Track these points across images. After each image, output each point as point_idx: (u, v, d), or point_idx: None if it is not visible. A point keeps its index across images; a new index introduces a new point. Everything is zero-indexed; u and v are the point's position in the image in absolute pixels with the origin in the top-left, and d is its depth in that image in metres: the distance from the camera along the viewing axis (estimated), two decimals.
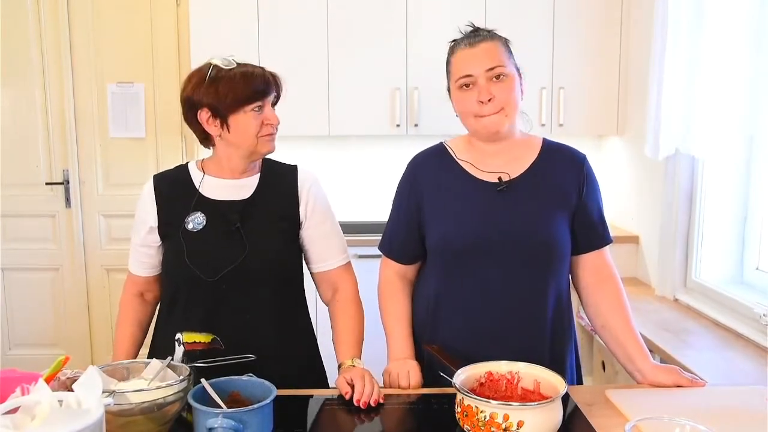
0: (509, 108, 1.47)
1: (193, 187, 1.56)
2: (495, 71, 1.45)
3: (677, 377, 1.43)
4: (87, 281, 3.78)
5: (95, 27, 3.61)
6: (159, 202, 1.56)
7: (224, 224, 1.51)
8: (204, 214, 1.53)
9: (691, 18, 2.47)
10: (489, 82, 1.45)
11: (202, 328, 1.50)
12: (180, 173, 1.61)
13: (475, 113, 1.48)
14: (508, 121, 1.48)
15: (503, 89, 1.46)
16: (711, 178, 2.63)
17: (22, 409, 0.99)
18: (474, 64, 1.46)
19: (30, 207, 3.72)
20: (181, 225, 1.52)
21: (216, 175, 1.57)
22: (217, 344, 1.49)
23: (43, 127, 3.66)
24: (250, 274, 1.49)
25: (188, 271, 1.48)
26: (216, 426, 1.10)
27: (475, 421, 1.17)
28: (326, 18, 3.31)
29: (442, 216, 1.53)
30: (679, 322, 2.44)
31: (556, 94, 3.35)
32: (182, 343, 1.51)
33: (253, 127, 1.50)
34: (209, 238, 1.51)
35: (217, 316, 1.50)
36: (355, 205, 3.77)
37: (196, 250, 1.50)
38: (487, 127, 1.48)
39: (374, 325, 1.62)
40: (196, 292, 1.51)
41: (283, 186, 1.60)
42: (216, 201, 1.54)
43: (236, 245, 1.49)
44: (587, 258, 1.56)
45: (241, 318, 1.50)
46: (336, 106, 3.37)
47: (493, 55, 1.46)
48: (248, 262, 1.48)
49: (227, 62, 1.50)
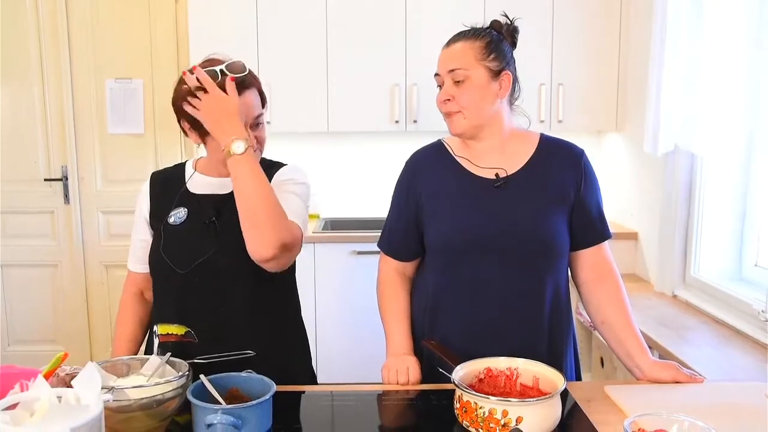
0: (468, 111, 1.48)
1: (183, 183, 1.58)
2: (455, 74, 1.48)
3: (676, 373, 1.43)
4: (86, 277, 3.79)
5: (94, 22, 3.60)
6: (152, 197, 1.59)
7: (202, 218, 1.51)
8: (186, 208, 1.53)
9: (690, 14, 2.47)
10: (451, 84, 1.49)
11: (176, 320, 1.49)
12: (176, 170, 1.63)
13: (442, 111, 1.53)
14: (468, 123, 1.49)
15: (462, 92, 1.48)
16: (710, 175, 2.63)
17: (21, 405, 0.99)
18: (441, 64, 1.51)
19: (29, 203, 3.72)
20: (165, 218, 1.53)
21: (204, 173, 1.58)
22: (191, 337, 1.47)
23: (41, 124, 3.66)
24: (222, 268, 1.47)
25: (163, 262, 1.49)
26: (215, 422, 1.10)
27: (474, 417, 1.17)
28: (325, 15, 3.30)
29: (441, 213, 1.53)
30: (677, 318, 2.45)
31: (555, 91, 3.35)
32: (157, 335, 1.51)
33: None
34: (186, 231, 1.50)
35: (191, 309, 1.49)
36: (354, 202, 3.78)
37: (172, 242, 1.50)
38: (449, 127, 1.53)
39: (373, 321, 1.62)
40: (170, 284, 1.50)
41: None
42: (198, 195, 1.55)
43: (210, 239, 1.48)
44: (586, 254, 1.56)
45: (215, 312, 1.49)
46: (335, 103, 3.37)
47: (458, 57, 1.48)
48: (219, 255, 1.46)
49: (213, 73, 1.40)
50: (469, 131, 1.51)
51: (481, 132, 1.52)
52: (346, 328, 3.31)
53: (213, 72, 1.41)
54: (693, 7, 2.46)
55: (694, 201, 2.69)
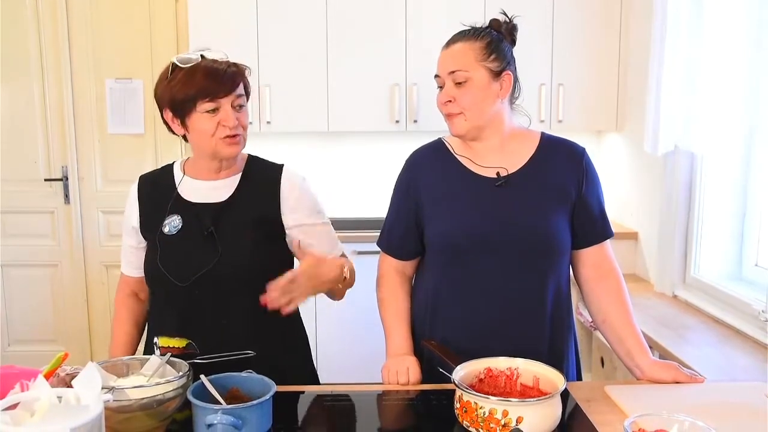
0: (469, 112, 1.48)
1: (174, 188, 1.53)
2: (456, 75, 1.47)
3: (676, 373, 1.43)
4: (86, 277, 3.78)
5: (94, 22, 3.60)
6: (141, 203, 1.56)
7: (199, 228, 1.47)
8: (181, 217, 1.49)
9: (690, 13, 2.47)
10: (452, 85, 1.48)
11: (177, 333, 1.47)
12: (163, 174, 1.59)
13: (443, 113, 1.52)
14: (469, 124, 1.49)
15: (463, 93, 1.47)
16: (710, 175, 2.63)
17: (21, 405, 0.99)
18: (441, 65, 1.51)
19: (29, 203, 3.72)
20: (159, 227, 1.49)
21: (194, 176, 1.54)
22: (192, 349, 1.45)
23: (41, 123, 3.66)
24: (223, 280, 1.45)
25: (161, 275, 1.46)
26: (215, 422, 1.10)
27: (474, 417, 1.17)
28: (325, 14, 3.30)
29: (441, 212, 1.53)
30: (678, 318, 2.45)
31: (555, 91, 3.35)
32: (158, 347, 1.49)
33: (208, 128, 1.42)
34: (183, 242, 1.47)
35: (192, 321, 1.47)
36: (353, 201, 3.77)
37: (169, 254, 1.47)
38: (450, 128, 1.52)
39: (373, 321, 1.62)
40: (170, 296, 1.48)
41: (265, 187, 1.53)
42: (193, 204, 1.51)
43: (209, 250, 1.45)
44: (588, 252, 1.56)
45: (216, 324, 1.47)
46: (335, 102, 3.36)
47: (459, 58, 1.47)
48: (220, 268, 1.44)
49: (185, 60, 1.43)
50: (470, 132, 1.51)
51: (482, 132, 1.52)
52: (346, 327, 3.31)
53: (188, 59, 1.43)
54: (693, 7, 2.46)
55: (694, 201, 2.69)
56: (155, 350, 1.50)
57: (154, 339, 1.51)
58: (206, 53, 1.46)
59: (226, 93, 1.42)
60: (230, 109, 1.43)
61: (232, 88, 1.44)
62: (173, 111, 1.46)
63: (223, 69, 1.44)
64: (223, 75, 1.43)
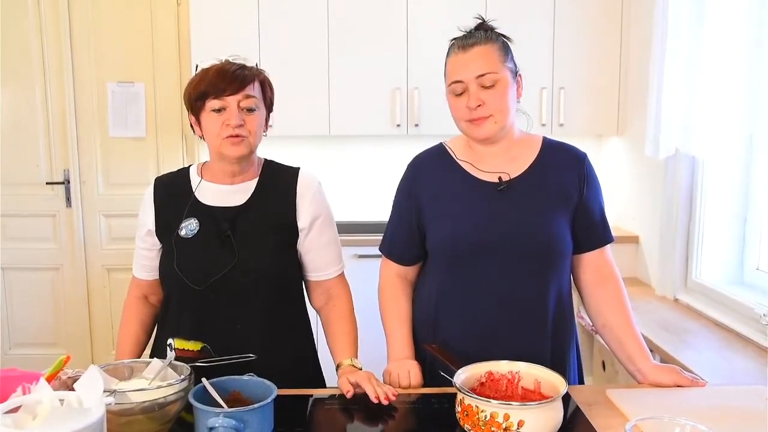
0: (499, 114, 1.46)
1: (190, 191, 1.54)
2: (485, 78, 1.44)
3: (677, 377, 1.43)
4: (87, 281, 3.79)
5: (96, 26, 3.61)
6: (157, 206, 1.56)
7: (216, 232, 1.48)
8: (198, 220, 1.50)
9: (691, 18, 2.47)
10: (479, 89, 1.44)
11: (193, 336, 1.48)
12: (180, 177, 1.60)
13: (466, 119, 1.48)
14: (498, 127, 1.47)
15: (493, 96, 1.45)
16: (711, 178, 2.63)
17: (23, 408, 0.99)
18: (464, 70, 1.45)
19: (31, 207, 3.72)
20: (176, 230, 1.50)
21: (212, 180, 1.55)
22: (207, 353, 1.46)
23: (43, 127, 3.67)
24: (239, 284, 1.46)
25: (178, 278, 1.47)
26: (217, 425, 1.10)
27: (475, 421, 1.17)
28: (327, 18, 3.31)
29: (443, 217, 1.53)
30: (679, 322, 2.44)
31: (556, 94, 3.35)
32: (173, 348, 1.49)
33: (214, 127, 1.45)
34: (200, 245, 1.48)
35: (207, 324, 1.48)
36: (355, 206, 3.77)
37: (186, 257, 1.48)
38: (477, 133, 1.48)
39: (374, 325, 1.62)
40: (186, 299, 1.49)
41: (281, 191, 1.55)
42: (210, 207, 1.51)
43: (226, 254, 1.46)
44: (588, 257, 1.56)
45: (232, 327, 1.48)
46: (336, 106, 3.37)
47: (485, 60, 1.44)
48: (237, 272, 1.45)
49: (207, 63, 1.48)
50: (497, 135, 1.49)
51: (501, 134, 1.51)
52: None
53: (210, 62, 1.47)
54: (693, 11, 2.46)
55: (695, 204, 2.69)
56: (168, 351, 1.50)
57: (169, 340, 1.51)
58: (230, 58, 1.50)
59: (232, 92, 1.44)
60: (236, 109, 1.45)
61: (240, 89, 1.45)
62: (190, 110, 1.50)
63: (233, 69, 1.46)
64: (231, 75, 1.45)
